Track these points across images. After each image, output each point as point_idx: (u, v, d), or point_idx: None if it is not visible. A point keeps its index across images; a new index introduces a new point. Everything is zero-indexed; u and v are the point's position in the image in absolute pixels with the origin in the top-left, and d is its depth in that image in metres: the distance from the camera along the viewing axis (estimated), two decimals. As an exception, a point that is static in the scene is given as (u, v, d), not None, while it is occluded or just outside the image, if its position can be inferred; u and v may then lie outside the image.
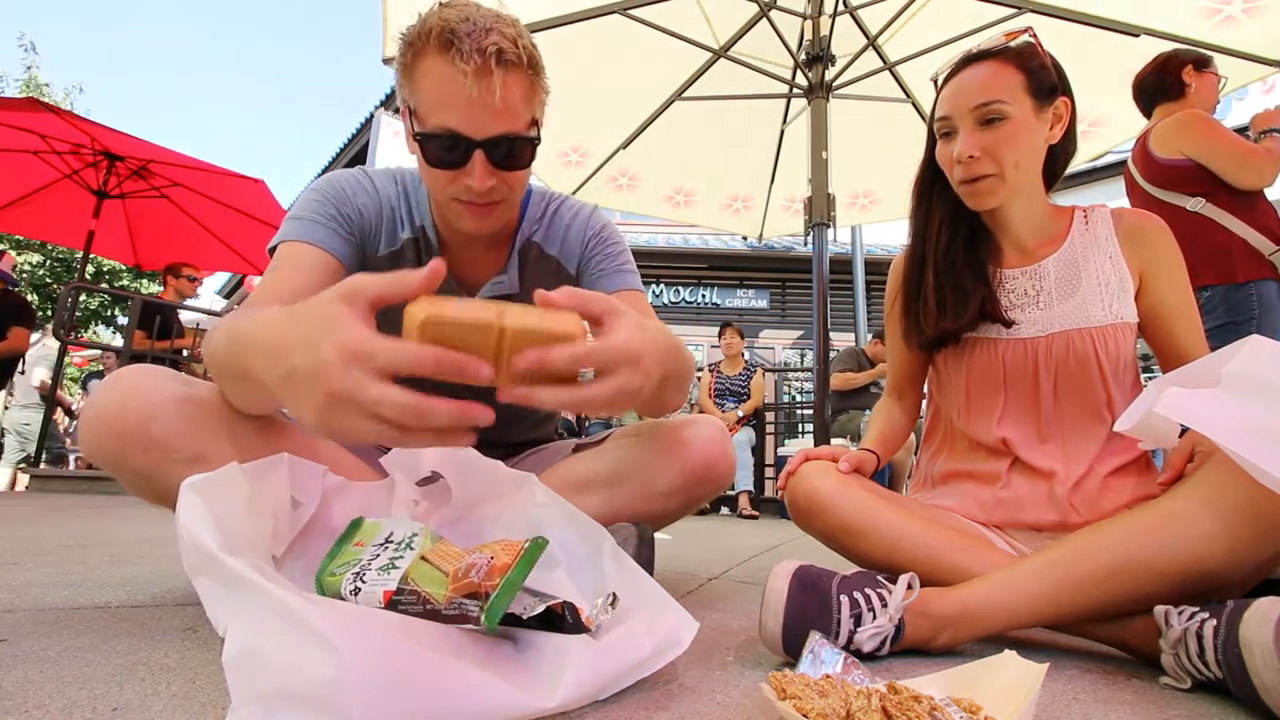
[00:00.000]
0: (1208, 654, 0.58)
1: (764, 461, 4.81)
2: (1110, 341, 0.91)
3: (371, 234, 0.94)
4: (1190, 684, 0.60)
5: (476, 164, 0.80)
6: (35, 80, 11.45)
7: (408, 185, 0.97)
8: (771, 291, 9.60)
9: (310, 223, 0.87)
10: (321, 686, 0.37)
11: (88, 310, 11.01)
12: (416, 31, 0.77)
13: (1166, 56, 1.95)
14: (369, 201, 0.93)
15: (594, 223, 1.04)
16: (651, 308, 1.00)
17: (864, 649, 0.68)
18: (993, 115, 0.91)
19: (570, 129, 3.27)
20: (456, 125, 0.77)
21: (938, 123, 0.98)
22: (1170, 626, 0.62)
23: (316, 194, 0.91)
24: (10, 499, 2.96)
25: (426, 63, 0.77)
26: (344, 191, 0.92)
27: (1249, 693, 0.54)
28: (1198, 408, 0.63)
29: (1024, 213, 0.99)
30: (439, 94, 0.77)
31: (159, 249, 5.25)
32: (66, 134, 4.10)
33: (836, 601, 0.68)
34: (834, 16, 2.87)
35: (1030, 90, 0.92)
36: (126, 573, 1.04)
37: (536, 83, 0.83)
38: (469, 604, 0.50)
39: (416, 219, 0.96)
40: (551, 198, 1.06)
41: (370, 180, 0.95)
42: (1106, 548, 0.70)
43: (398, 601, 0.53)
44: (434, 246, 0.96)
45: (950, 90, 0.95)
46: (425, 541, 0.61)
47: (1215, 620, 0.58)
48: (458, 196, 0.84)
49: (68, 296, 4.09)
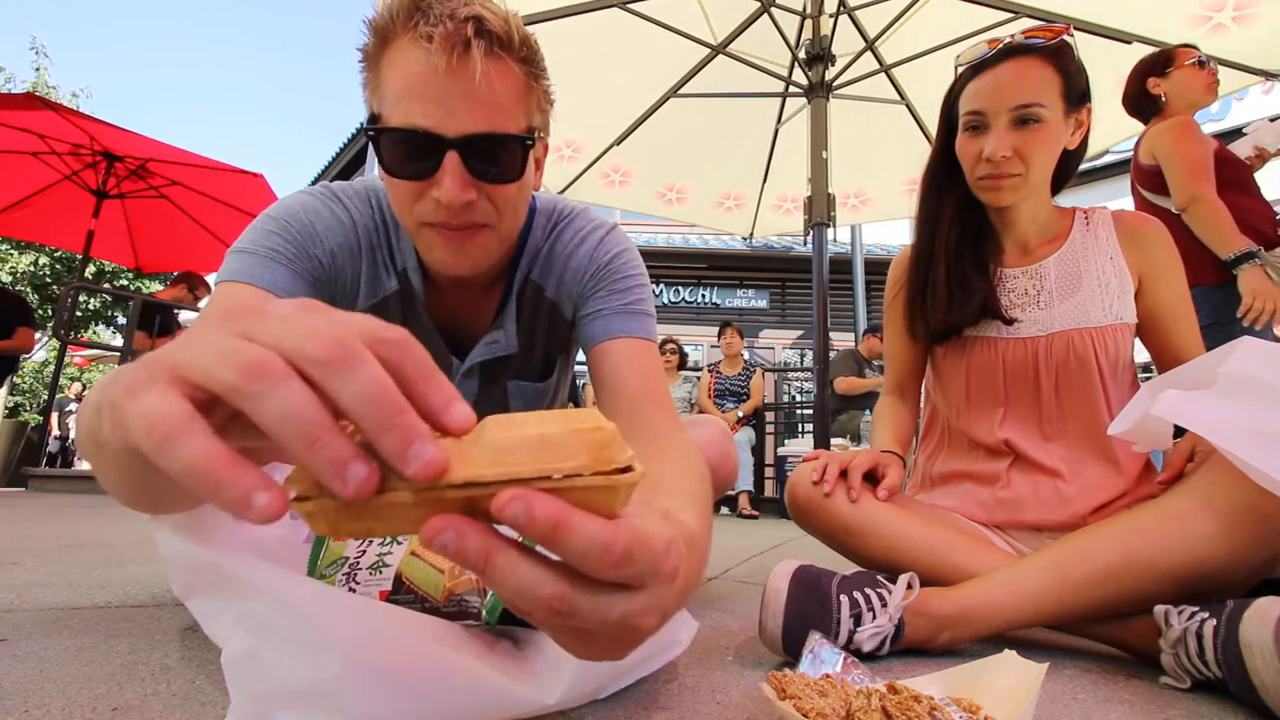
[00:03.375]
0: (1207, 654, 0.58)
1: (764, 461, 4.81)
2: (1110, 342, 0.92)
3: (346, 282, 0.75)
4: (1190, 683, 0.60)
5: (448, 169, 0.60)
6: (44, 82, 11.46)
7: (386, 212, 0.76)
8: (771, 291, 9.60)
9: (264, 260, 0.66)
10: (322, 684, 0.37)
11: (88, 310, 11.00)
12: (382, 12, 0.61)
13: (1134, 70, 1.93)
14: (343, 241, 0.73)
15: (603, 250, 0.80)
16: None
17: (864, 648, 0.68)
18: (1030, 117, 0.89)
19: (564, 123, 3.27)
20: (422, 119, 0.59)
21: (968, 115, 0.94)
22: (1170, 626, 0.62)
23: (275, 223, 0.69)
24: (10, 499, 2.96)
25: (392, 48, 0.60)
26: (311, 228, 0.70)
27: (1249, 693, 0.54)
28: (1194, 409, 0.64)
29: (1032, 213, 0.99)
30: (403, 82, 0.59)
31: (159, 251, 5.25)
32: (66, 133, 4.09)
33: (836, 601, 0.68)
34: (835, 16, 2.87)
35: (1064, 94, 0.91)
36: (126, 573, 1.04)
37: (533, 81, 0.65)
38: (469, 599, 0.50)
39: (399, 261, 0.76)
40: (560, 216, 0.82)
41: (344, 209, 0.74)
42: (1106, 548, 0.70)
43: (395, 601, 0.53)
44: (416, 295, 0.76)
45: (988, 83, 0.91)
46: (412, 537, 0.61)
47: (1215, 620, 0.58)
48: (427, 219, 0.64)
49: (68, 296, 4.09)
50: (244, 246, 0.67)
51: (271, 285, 0.66)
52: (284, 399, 0.22)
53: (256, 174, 4.50)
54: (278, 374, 0.22)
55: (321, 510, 0.24)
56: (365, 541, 0.60)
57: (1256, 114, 5.60)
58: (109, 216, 4.74)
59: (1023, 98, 0.89)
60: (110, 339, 11.18)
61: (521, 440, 0.24)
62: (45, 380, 13.88)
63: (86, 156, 4.36)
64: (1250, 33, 2.40)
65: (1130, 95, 1.93)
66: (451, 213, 0.63)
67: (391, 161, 0.62)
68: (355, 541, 0.61)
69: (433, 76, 0.58)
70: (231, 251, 0.68)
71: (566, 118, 3.33)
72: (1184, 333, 0.95)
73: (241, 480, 0.22)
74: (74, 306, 5.30)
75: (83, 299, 10.50)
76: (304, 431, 0.22)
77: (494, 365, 0.83)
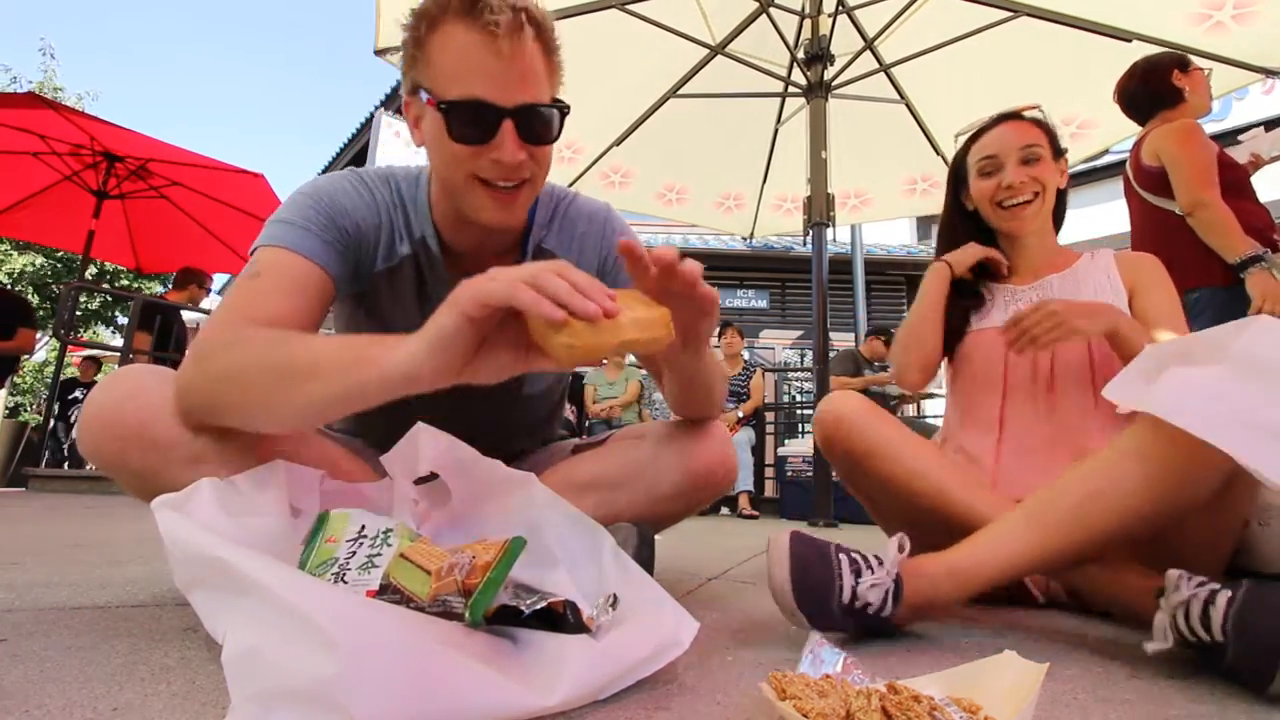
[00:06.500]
0: (1214, 620, 0.59)
1: (764, 461, 4.81)
2: (1104, 342, 1.01)
3: (368, 249, 0.86)
4: (1172, 642, 0.62)
5: (506, 135, 0.73)
6: (51, 83, 11.46)
7: (404, 192, 0.89)
8: (771, 291, 9.59)
9: (302, 230, 0.78)
10: (322, 684, 0.37)
11: (88, 310, 11.01)
12: (429, 2, 0.73)
13: (1146, 66, 1.94)
14: (367, 215, 0.85)
15: (609, 232, 0.96)
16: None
17: (869, 600, 0.70)
18: (1033, 155, 1.14)
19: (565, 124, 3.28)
20: (484, 93, 0.71)
21: (982, 162, 1.18)
22: (1178, 590, 0.64)
23: (309, 199, 0.81)
24: (10, 499, 2.96)
25: (445, 30, 0.71)
26: (339, 203, 0.82)
27: (1264, 663, 0.55)
28: (1193, 400, 0.64)
29: (1039, 243, 1.20)
30: (463, 61, 0.71)
31: (159, 251, 5.26)
32: (66, 133, 4.10)
33: (836, 559, 0.72)
34: (834, 16, 2.88)
35: (1050, 145, 1.17)
36: (126, 573, 1.04)
37: (556, 63, 0.79)
38: (453, 600, 0.50)
39: (416, 230, 0.88)
40: (559, 197, 0.97)
41: (367, 188, 0.86)
42: (1069, 490, 0.75)
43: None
44: (436, 259, 0.88)
45: (995, 136, 1.18)
46: (402, 539, 0.61)
47: (1230, 592, 0.60)
48: (481, 174, 0.76)
49: (68, 296, 4.09)
50: (283, 217, 0.79)
51: (305, 250, 0.77)
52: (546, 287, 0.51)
53: (257, 174, 4.50)
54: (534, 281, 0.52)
55: (572, 331, 0.51)
56: (356, 543, 0.61)
57: (1257, 114, 5.61)
58: (109, 217, 4.74)
59: (1026, 140, 1.15)
60: (110, 339, 11.17)
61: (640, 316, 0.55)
62: (45, 380, 13.87)
63: (87, 156, 4.36)
64: (1250, 31, 2.41)
65: (1148, 87, 1.92)
66: (508, 170, 0.75)
67: (456, 128, 0.73)
68: (346, 543, 0.61)
69: (491, 56, 0.70)
70: (272, 220, 0.79)
71: (567, 119, 3.33)
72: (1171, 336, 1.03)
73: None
74: (74, 306, 5.29)
75: (83, 299, 10.51)
76: (565, 315, 0.51)
77: None
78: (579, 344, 0.51)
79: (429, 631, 0.47)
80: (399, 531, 0.63)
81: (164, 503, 0.53)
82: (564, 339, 0.51)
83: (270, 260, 0.75)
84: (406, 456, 0.78)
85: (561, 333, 0.51)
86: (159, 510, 0.51)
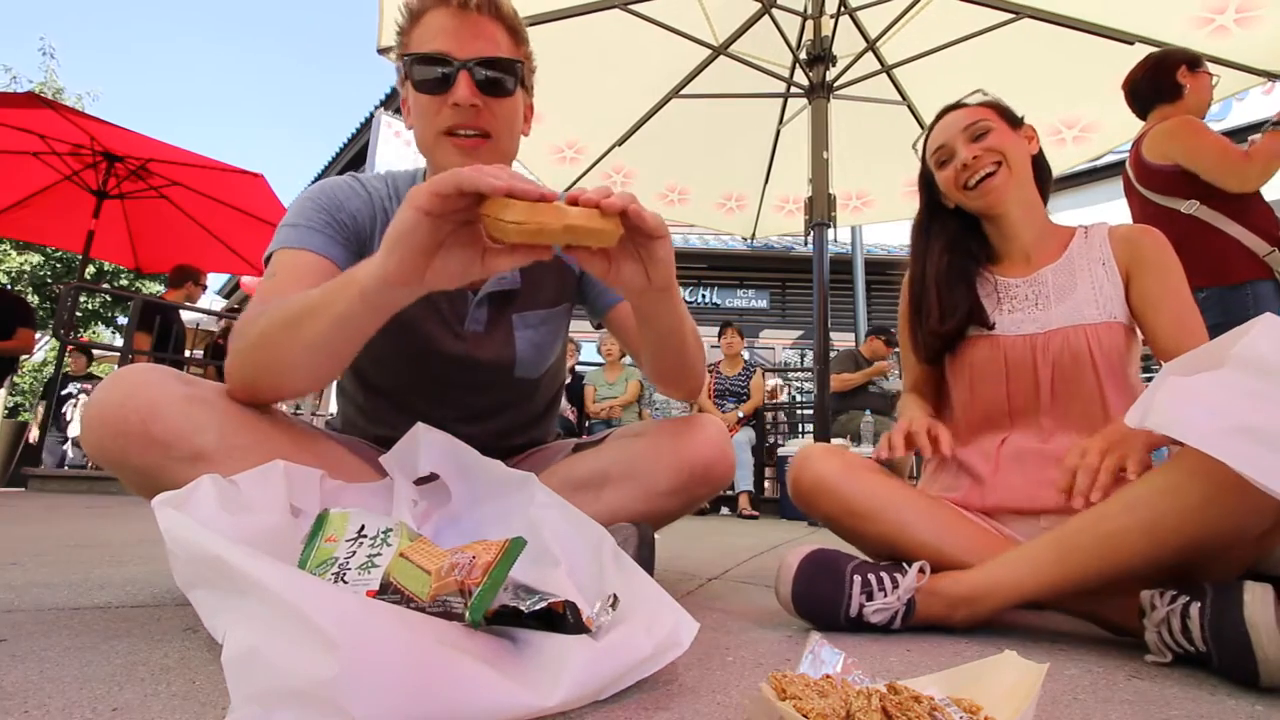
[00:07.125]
0: (1193, 632, 0.64)
1: (764, 461, 4.80)
2: (1105, 338, 0.97)
3: (367, 237, 0.93)
4: (1171, 658, 0.67)
5: (461, 82, 0.82)
6: (51, 83, 11.46)
7: (399, 186, 0.97)
8: (771, 291, 9.60)
9: (306, 229, 0.87)
10: (322, 684, 0.37)
11: (88, 310, 11.01)
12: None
13: (1158, 58, 1.95)
14: (362, 206, 0.93)
15: None
16: None
17: (871, 620, 0.74)
18: (981, 130, 1.09)
19: (566, 125, 3.27)
20: (443, 46, 0.82)
21: (934, 154, 1.13)
22: (1155, 609, 0.69)
23: (310, 201, 0.90)
24: (10, 499, 2.96)
25: (424, 19, 0.84)
26: (336, 198, 0.91)
27: (1244, 664, 0.61)
28: (1185, 410, 0.63)
29: (1026, 219, 1.10)
30: (429, 31, 0.83)
31: (159, 251, 5.24)
32: (66, 133, 4.09)
33: (850, 580, 0.74)
34: (836, 17, 2.87)
35: (1002, 117, 1.11)
36: (126, 573, 1.04)
37: (523, 46, 0.89)
38: (453, 600, 0.50)
39: None
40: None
41: (362, 185, 0.95)
42: (1103, 518, 0.74)
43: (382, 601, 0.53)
44: None
45: (939, 128, 1.14)
46: (402, 539, 0.61)
47: (1199, 603, 0.65)
48: (445, 126, 0.84)
49: (68, 296, 4.09)
50: (291, 221, 0.88)
51: (314, 246, 0.86)
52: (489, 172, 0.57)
53: (257, 174, 4.49)
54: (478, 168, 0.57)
55: (518, 210, 0.56)
56: (356, 542, 0.61)
57: (1257, 114, 5.61)
58: (109, 216, 4.73)
59: (969, 120, 1.10)
60: (110, 339, 11.17)
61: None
62: (45, 380, 13.87)
63: (87, 156, 4.36)
64: (1252, 34, 2.40)
65: (1153, 80, 1.93)
66: (463, 114, 0.83)
67: (418, 79, 0.84)
68: (346, 542, 0.61)
69: (454, 20, 0.83)
70: (282, 225, 0.89)
71: (568, 119, 3.36)
72: (1166, 323, 0.98)
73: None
74: (74, 306, 5.28)
75: (83, 299, 10.51)
76: (509, 184, 0.56)
77: (499, 297, 0.98)
78: (527, 221, 0.56)
79: (429, 632, 0.47)
80: (399, 531, 0.62)
81: (164, 500, 0.53)
82: (511, 216, 0.56)
83: (282, 261, 0.85)
84: (406, 456, 0.78)
85: (508, 212, 0.56)
86: (159, 508, 0.51)
